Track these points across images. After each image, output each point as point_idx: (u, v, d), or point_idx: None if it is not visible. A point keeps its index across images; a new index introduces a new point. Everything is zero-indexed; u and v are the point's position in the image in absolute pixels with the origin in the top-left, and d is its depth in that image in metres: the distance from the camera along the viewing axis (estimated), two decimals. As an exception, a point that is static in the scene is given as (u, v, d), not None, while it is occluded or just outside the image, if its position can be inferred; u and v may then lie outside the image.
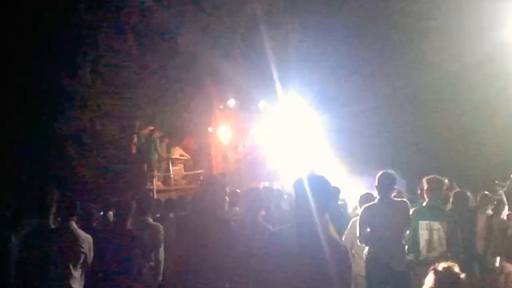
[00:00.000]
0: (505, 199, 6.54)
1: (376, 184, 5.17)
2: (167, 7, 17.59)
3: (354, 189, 8.96)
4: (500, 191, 7.52)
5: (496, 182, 7.60)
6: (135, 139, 13.41)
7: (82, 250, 4.55)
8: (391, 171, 5.31)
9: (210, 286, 3.70)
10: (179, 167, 13.80)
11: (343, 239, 5.61)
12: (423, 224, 5.08)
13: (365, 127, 17.61)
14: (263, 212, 5.36)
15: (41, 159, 14.55)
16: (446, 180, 5.39)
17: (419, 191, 5.54)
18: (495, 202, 6.61)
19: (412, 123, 18.13)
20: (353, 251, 5.54)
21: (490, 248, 5.98)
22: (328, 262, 2.72)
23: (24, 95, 15.56)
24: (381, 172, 5.22)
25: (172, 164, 13.42)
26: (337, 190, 6.82)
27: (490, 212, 6.57)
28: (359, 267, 5.28)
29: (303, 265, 2.72)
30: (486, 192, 7.26)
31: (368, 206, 5.29)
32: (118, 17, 17.20)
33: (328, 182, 2.90)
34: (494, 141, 14.80)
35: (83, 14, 16.72)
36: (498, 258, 5.45)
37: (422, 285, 4.99)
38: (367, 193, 5.83)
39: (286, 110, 16.83)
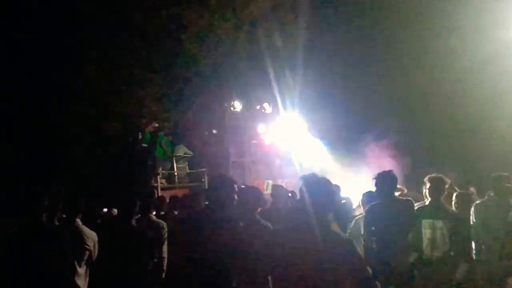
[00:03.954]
0: None
1: (378, 183, 5.17)
2: (172, 4, 17.62)
3: (357, 187, 8.99)
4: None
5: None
6: (140, 136, 13.43)
7: (87, 247, 4.57)
8: (392, 170, 5.31)
9: (216, 285, 3.72)
10: (183, 164, 13.82)
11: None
12: (426, 223, 5.07)
13: (370, 125, 17.57)
14: (259, 209, 5.38)
15: (46, 157, 14.62)
16: (448, 180, 5.37)
17: (424, 190, 5.53)
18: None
19: (416, 121, 18.11)
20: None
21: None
22: (328, 259, 2.76)
23: (28, 93, 15.61)
24: (381, 171, 5.22)
25: (176, 162, 13.43)
26: (338, 189, 6.83)
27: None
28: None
29: (302, 263, 2.77)
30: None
31: (372, 205, 5.30)
32: (123, 14, 17.24)
33: (329, 183, 2.94)
34: (500, 139, 14.78)
35: (88, 11, 16.77)
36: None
37: (425, 285, 5.02)
38: (370, 192, 5.82)
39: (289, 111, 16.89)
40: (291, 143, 15.43)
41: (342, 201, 6.76)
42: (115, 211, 6.92)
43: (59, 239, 3.93)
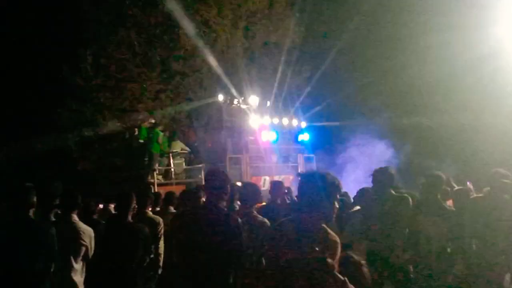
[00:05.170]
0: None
1: (375, 179, 5.17)
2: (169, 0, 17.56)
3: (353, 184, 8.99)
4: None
5: None
6: (136, 132, 13.39)
7: (83, 242, 4.57)
8: (389, 166, 5.31)
9: (213, 281, 3.72)
10: (180, 161, 13.78)
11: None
12: (423, 220, 5.08)
13: (365, 123, 17.61)
14: (259, 205, 5.39)
15: (42, 152, 14.59)
16: (444, 176, 5.37)
17: (421, 187, 5.53)
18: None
19: (413, 119, 18.16)
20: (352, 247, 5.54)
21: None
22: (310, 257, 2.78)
23: (25, 88, 15.57)
24: (378, 168, 5.22)
25: (172, 158, 13.39)
26: (338, 185, 6.82)
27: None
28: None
29: (300, 256, 2.78)
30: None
31: (368, 201, 5.29)
32: (120, 10, 17.18)
33: (330, 179, 2.94)
34: (497, 135, 14.84)
35: (85, 7, 16.72)
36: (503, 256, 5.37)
37: (422, 281, 5.03)
38: (366, 188, 5.82)
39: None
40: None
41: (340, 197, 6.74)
42: (111, 207, 6.90)
43: (44, 235, 3.91)
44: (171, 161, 13.31)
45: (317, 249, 2.76)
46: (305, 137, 16.45)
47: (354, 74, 19.30)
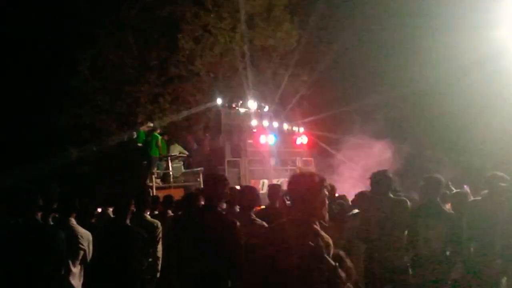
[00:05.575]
0: None
1: (373, 182, 5.17)
2: (168, 3, 17.60)
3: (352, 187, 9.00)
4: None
5: None
6: (135, 135, 13.39)
7: (82, 246, 4.55)
8: (387, 169, 5.32)
9: (212, 284, 3.71)
10: (178, 164, 13.77)
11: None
12: (422, 222, 5.07)
13: (364, 125, 17.62)
14: (258, 208, 5.38)
15: (40, 155, 14.56)
16: (443, 179, 5.38)
17: (420, 190, 5.54)
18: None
19: (411, 121, 18.18)
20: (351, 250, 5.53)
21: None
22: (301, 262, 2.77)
23: (23, 91, 15.55)
24: (377, 171, 5.23)
25: (171, 161, 13.39)
26: (333, 188, 6.83)
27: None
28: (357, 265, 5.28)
29: (294, 259, 2.78)
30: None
31: (367, 204, 5.30)
32: (118, 12, 17.20)
33: (316, 178, 2.94)
34: (495, 138, 14.85)
35: (83, 10, 16.73)
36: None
37: (420, 284, 5.02)
38: (364, 192, 5.82)
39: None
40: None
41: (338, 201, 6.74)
42: (110, 210, 6.89)
43: (54, 238, 3.91)
44: (170, 164, 13.30)
45: (310, 243, 2.76)
46: (303, 140, 16.44)
47: (354, 75, 19.32)
